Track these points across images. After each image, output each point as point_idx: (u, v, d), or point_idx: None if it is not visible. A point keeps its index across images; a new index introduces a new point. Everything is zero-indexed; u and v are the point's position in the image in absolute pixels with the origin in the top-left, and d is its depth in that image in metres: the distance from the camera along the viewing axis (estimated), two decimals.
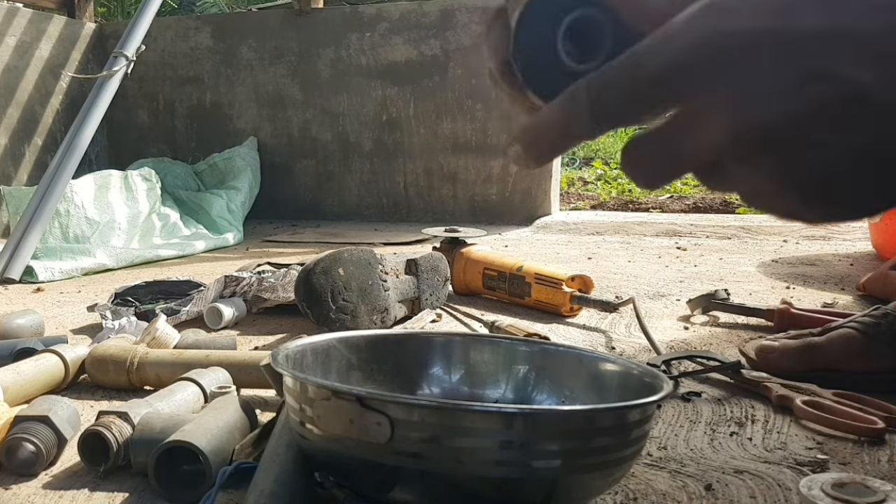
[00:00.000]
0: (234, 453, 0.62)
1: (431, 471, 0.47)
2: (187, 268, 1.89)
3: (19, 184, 2.70)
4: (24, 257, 1.76)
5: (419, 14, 2.79)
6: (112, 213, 2.09)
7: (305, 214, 2.97)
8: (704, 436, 0.74)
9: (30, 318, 1.13)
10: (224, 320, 1.19)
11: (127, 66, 2.15)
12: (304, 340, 0.64)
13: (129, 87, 3.02)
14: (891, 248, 1.77)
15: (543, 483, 0.48)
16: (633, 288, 1.50)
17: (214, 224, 2.48)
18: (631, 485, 0.63)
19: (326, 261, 1.09)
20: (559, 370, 0.67)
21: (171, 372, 0.85)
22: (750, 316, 1.20)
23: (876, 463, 0.67)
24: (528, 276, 1.30)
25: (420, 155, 2.85)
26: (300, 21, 2.94)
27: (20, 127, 2.73)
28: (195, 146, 3.09)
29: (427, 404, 0.50)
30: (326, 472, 0.56)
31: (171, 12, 7.57)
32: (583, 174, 4.80)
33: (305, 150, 2.98)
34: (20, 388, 0.81)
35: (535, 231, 2.56)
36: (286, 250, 2.15)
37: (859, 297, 1.39)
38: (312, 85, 2.94)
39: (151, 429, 0.65)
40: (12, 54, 2.69)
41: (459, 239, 1.46)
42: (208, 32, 3.05)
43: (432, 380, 0.68)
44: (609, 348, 1.08)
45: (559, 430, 0.48)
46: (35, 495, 0.63)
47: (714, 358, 0.90)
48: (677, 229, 2.45)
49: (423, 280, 1.24)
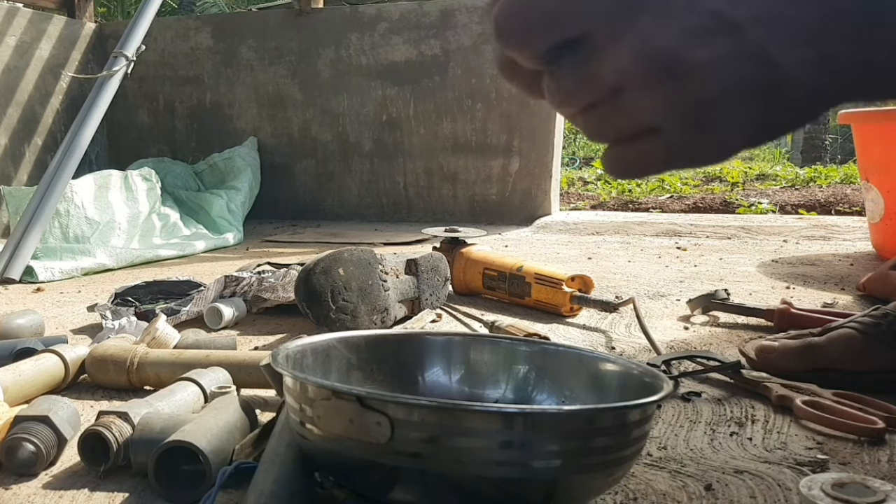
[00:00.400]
0: (234, 453, 0.62)
1: (431, 471, 0.47)
2: (187, 268, 1.89)
3: (19, 184, 2.70)
4: (24, 257, 1.76)
5: (419, 14, 2.79)
6: (112, 213, 2.08)
7: (305, 214, 2.97)
8: (704, 436, 0.74)
9: (30, 318, 1.13)
10: (224, 320, 1.19)
11: (127, 66, 2.15)
12: (304, 340, 0.64)
13: (129, 87, 3.02)
14: (891, 248, 1.78)
15: (543, 483, 0.48)
16: (633, 288, 1.50)
17: (214, 224, 2.48)
18: (631, 485, 0.63)
19: (326, 261, 1.09)
20: (559, 370, 0.67)
21: (171, 372, 0.85)
22: (750, 316, 1.20)
23: (876, 463, 0.67)
24: (528, 276, 1.30)
25: (420, 155, 2.85)
26: (300, 21, 2.94)
27: (20, 127, 2.73)
28: (195, 146, 3.09)
29: (427, 404, 0.50)
30: (326, 472, 0.56)
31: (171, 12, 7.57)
32: (583, 174, 4.80)
33: (305, 150, 2.98)
34: (20, 388, 0.81)
35: (535, 231, 2.56)
36: (286, 250, 2.15)
37: (859, 297, 1.39)
38: (312, 85, 2.94)
39: (151, 429, 0.65)
40: (12, 54, 2.69)
41: (459, 239, 1.46)
42: (208, 32, 3.05)
43: (432, 380, 0.68)
44: (609, 348, 1.08)
45: (559, 430, 0.48)
46: (35, 495, 0.63)
47: (714, 358, 0.90)
48: (677, 229, 2.45)
49: (423, 280, 1.24)
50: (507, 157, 2.73)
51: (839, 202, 3.22)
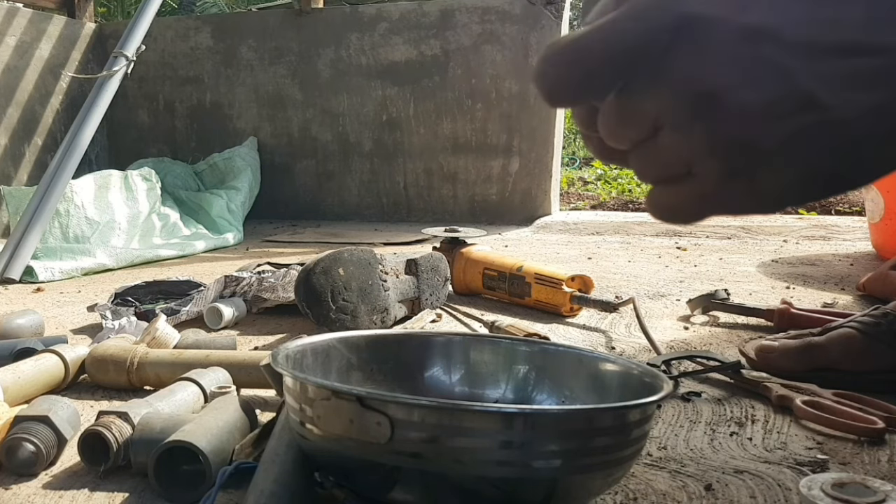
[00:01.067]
0: (234, 453, 0.62)
1: (431, 471, 0.47)
2: (187, 268, 1.89)
3: (19, 184, 2.70)
4: (24, 257, 1.76)
5: (419, 14, 2.79)
6: (112, 213, 2.08)
7: (305, 214, 2.97)
8: (704, 436, 0.74)
9: (30, 318, 1.13)
10: (224, 320, 1.19)
11: (127, 66, 2.15)
12: (304, 340, 0.64)
13: (129, 87, 3.02)
14: (891, 248, 1.78)
15: (543, 483, 0.48)
16: (633, 288, 1.50)
17: (214, 224, 2.48)
18: (631, 485, 0.63)
19: (326, 261, 1.09)
20: (559, 370, 0.67)
21: (171, 372, 0.85)
22: (750, 316, 1.20)
23: (876, 463, 0.67)
24: (528, 276, 1.30)
25: (420, 155, 2.85)
26: (300, 21, 2.94)
27: (20, 127, 2.73)
28: (195, 146, 3.09)
29: (427, 404, 0.50)
30: (326, 472, 0.56)
31: (171, 12, 7.57)
32: (583, 174, 4.80)
33: (305, 150, 2.98)
34: (20, 388, 0.81)
35: (535, 231, 2.56)
36: (286, 250, 2.15)
37: (859, 297, 1.39)
38: (312, 85, 2.94)
39: (151, 429, 0.65)
40: (12, 54, 2.69)
41: (459, 239, 1.46)
42: (208, 32, 3.05)
43: (432, 380, 0.68)
44: (609, 348, 1.08)
45: (559, 430, 0.48)
46: (35, 495, 0.63)
47: (714, 358, 0.90)
48: (677, 229, 2.45)
49: (423, 280, 1.24)
50: (507, 157, 2.73)
51: (839, 202, 3.22)
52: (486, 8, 2.70)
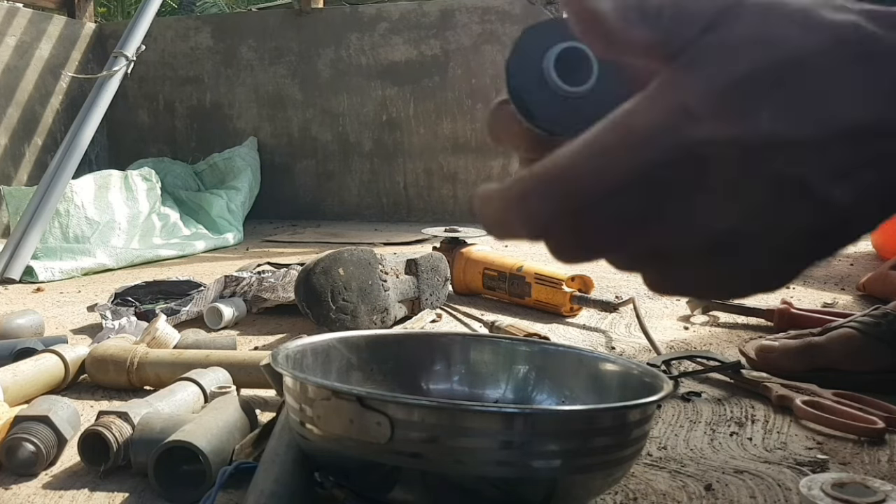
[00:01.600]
0: (234, 453, 0.62)
1: (431, 471, 0.47)
2: (187, 268, 1.89)
3: (19, 184, 2.70)
4: (24, 257, 1.76)
5: (419, 14, 2.79)
6: (112, 213, 2.08)
7: (305, 214, 2.97)
8: (704, 436, 0.74)
9: (30, 318, 1.13)
10: (224, 320, 1.19)
11: (127, 66, 2.15)
12: (304, 340, 0.64)
13: (129, 87, 3.01)
14: (891, 248, 1.77)
15: (543, 483, 0.48)
16: (632, 288, 1.49)
17: (214, 224, 2.48)
18: (631, 485, 0.63)
19: (326, 261, 1.09)
20: (559, 370, 0.67)
21: (171, 372, 0.85)
22: (750, 316, 1.20)
23: (876, 463, 0.67)
24: (528, 275, 1.30)
25: (420, 155, 2.85)
26: (300, 21, 2.94)
27: (20, 127, 2.73)
28: (195, 146, 3.09)
29: (427, 404, 0.50)
30: (326, 472, 0.56)
31: (171, 12, 7.56)
32: None
33: (305, 150, 2.98)
34: (20, 388, 0.81)
35: None
36: (286, 250, 2.15)
37: (859, 297, 1.39)
38: (312, 85, 2.94)
39: (151, 429, 0.65)
40: (12, 54, 2.69)
41: (459, 239, 1.46)
42: (208, 32, 3.05)
43: (432, 380, 0.68)
44: (609, 348, 1.08)
45: (559, 430, 0.48)
46: (35, 495, 0.63)
47: (714, 358, 0.90)
48: None
49: (423, 280, 1.24)
50: (508, 157, 2.73)
51: None
52: (486, 8, 2.70)
